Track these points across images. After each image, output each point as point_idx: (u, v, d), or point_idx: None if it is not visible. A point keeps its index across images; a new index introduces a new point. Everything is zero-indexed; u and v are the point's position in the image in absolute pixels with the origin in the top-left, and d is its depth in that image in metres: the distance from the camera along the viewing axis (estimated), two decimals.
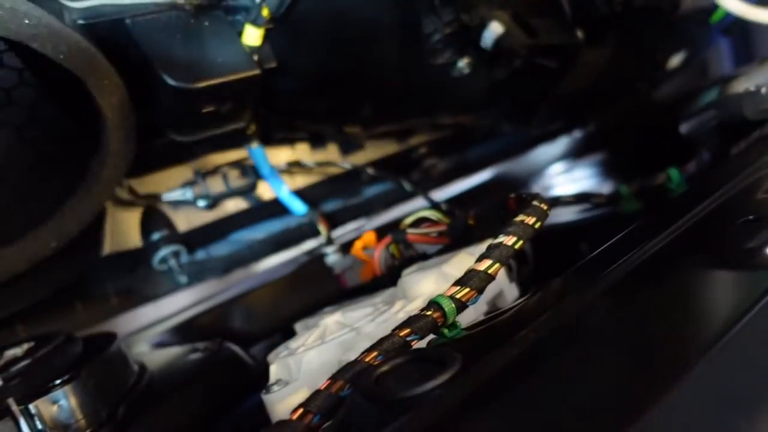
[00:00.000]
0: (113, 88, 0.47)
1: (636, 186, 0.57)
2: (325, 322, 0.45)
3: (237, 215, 0.71)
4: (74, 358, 0.45)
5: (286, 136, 0.73)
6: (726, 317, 0.25)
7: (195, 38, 0.50)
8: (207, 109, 0.52)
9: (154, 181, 0.66)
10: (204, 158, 0.69)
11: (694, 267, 0.31)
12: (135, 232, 0.64)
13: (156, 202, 0.66)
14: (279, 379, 0.40)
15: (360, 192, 0.81)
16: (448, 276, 0.44)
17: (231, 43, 0.52)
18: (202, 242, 0.70)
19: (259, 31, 0.53)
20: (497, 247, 0.35)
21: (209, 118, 0.53)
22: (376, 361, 0.31)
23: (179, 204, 0.67)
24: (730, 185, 0.38)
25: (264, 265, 0.75)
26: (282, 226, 0.75)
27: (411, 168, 0.85)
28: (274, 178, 0.68)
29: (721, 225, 0.34)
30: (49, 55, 0.43)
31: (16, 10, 0.40)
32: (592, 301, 0.31)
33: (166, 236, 0.64)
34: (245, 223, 0.73)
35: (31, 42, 0.41)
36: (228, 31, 0.53)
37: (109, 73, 0.47)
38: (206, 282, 0.71)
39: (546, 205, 0.39)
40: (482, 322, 0.35)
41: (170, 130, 0.54)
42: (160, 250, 0.64)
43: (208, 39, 0.51)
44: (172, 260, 0.65)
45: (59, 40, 0.42)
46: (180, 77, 0.48)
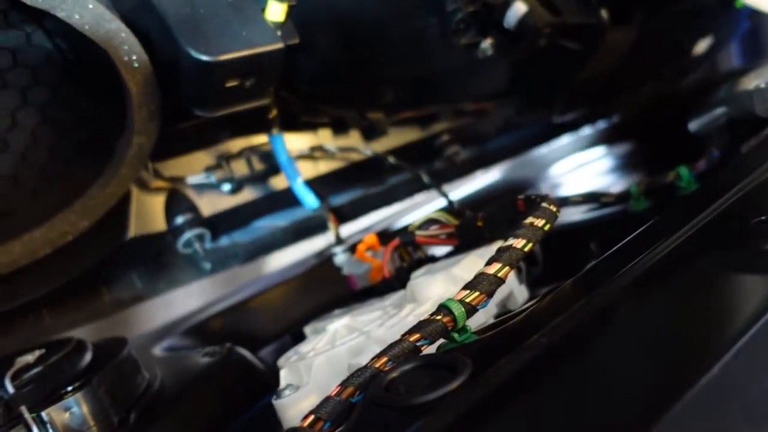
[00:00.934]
0: (138, 61, 0.47)
1: (645, 184, 0.57)
2: (334, 326, 0.45)
3: (260, 201, 0.71)
4: (85, 365, 0.46)
5: (309, 121, 0.72)
6: (740, 321, 0.25)
7: (218, 12, 0.50)
8: (231, 83, 0.51)
9: (179, 165, 0.66)
10: (227, 143, 0.68)
11: (707, 270, 0.31)
12: (160, 215, 0.64)
13: (180, 185, 0.66)
14: (289, 384, 0.40)
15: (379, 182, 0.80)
16: (457, 279, 0.43)
17: (254, 17, 0.52)
18: (226, 228, 0.70)
19: (282, 6, 0.53)
20: (507, 250, 0.35)
21: (233, 92, 0.52)
22: (386, 367, 0.31)
23: (203, 188, 0.67)
24: (741, 185, 0.38)
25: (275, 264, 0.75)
26: (303, 214, 0.75)
27: (433, 155, 0.84)
28: (291, 169, 0.68)
29: (734, 226, 0.34)
30: (74, 26, 0.43)
31: None
32: (604, 305, 0.31)
33: (191, 219, 0.64)
34: (268, 211, 0.73)
35: (57, 11, 0.42)
36: (252, 5, 0.52)
37: (134, 45, 0.47)
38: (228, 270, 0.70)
39: (555, 207, 0.39)
40: (493, 326, 0.35)
41: (194, 105, 0.54)
42: (185, 234, 0.64)
43: (232, 13, 0.51)
44: (196, 243, 0.65)
45: (84, 10, 0.43)
46: (205, 50, 0.48)
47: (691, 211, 0.37)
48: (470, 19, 0.61)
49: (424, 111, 0.79)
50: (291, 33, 0.54)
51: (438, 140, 0.84)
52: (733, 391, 0.23)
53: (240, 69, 0.51)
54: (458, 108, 0.80)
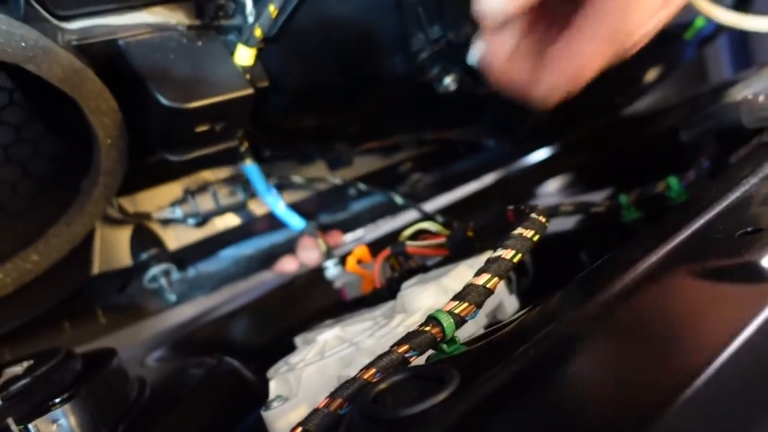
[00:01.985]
0: (107, 109, 0.47)
1: (635, 195, 0.57)
2: (324, 336, 0.45)
3: (228, 232, 0.71)
4: (74, 376, 0.45)
5: (274, 153, 0.73)
6: (726, 332, 0.25)
7: (188, 58, 0.51)
8: (200, 128, 0.52)
9: (144, 198, 0.66)
10: (193, 176, 0.69)
11: (693, 281, 0.31)
12: (125, 250, 0.64)
13: (146, 220, 0.66)
14: (278, 396, 0.40)
15: (350, 206, 0.82)
16: (447, 289, 0.44)
17: (224, 62, 0.52)
18: (192, 259, 0.71)
19: (251, 51, 0.53)
20: (495, 260, 0.35)
21: (202, 137, 0.53)
22: (374, 378, 0.31)
23: (169, 222, 0.67)
24: (728, 196, 0.38)
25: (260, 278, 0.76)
26: (275, 241, 0.75)
27: (398, 182, 0.86)
28: (271, 195, 0.68)
29: (719, 237, 0.34)
30: (44, 77, 0.43)
31: (12, 33, 0.40)
32: (592, 316, 0.31)
33: (156, 255, 0.65)
34: (236, 239, 0.74)
35: (27, 64, 0.41)
36: (221, 50, 0.53)
37: (103, 94, 0.47)
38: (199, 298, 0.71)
39: (544, 218, 0.39)
40: (482, 337, 0.35)
41: (163, 149, 0.54)
42: (151, 269, 0.64)
43: (201, 59, 0.51)
44: (162, 279, 0.65)
45: (54, 61, 0.43)
46: (174, 97, 0.48)
47: (679, 222, 0.37)
48: (434, 57, 0.62)
49: (387, 141, 0.81)
50: (260, 76, 0.55)
51: (401, 168, 0.86)
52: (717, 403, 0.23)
53: (210, 115, 0.51)
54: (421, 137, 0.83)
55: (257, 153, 0.69)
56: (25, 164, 0.53)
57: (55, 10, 0.46)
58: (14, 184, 0.53)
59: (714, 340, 0.25)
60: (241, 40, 0.53)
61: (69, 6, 0.46)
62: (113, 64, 0.48)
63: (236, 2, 0.53)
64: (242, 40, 0.53)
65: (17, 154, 0.52)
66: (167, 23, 0.51)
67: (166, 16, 0.51)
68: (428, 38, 0.61)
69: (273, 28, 0.54)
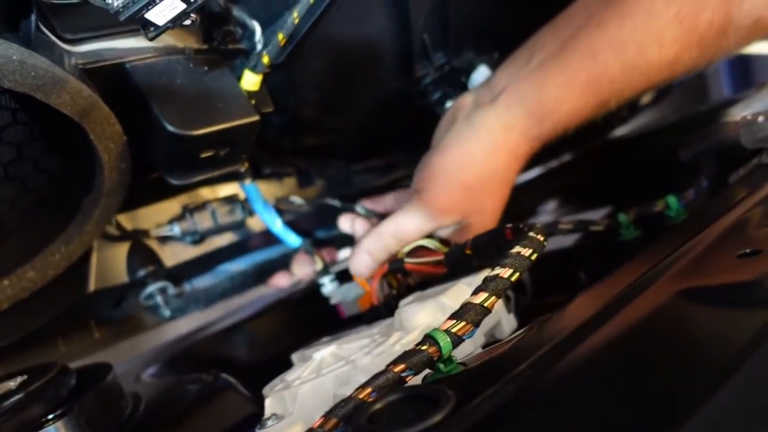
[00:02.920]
0: (112, 133, 0.47)
1: (634, 213, 0.57)
2: (321, 354, 0.44)
3: (225, 248, 0.71)
4: (68, 392, 0.45)
5: (274, 171, 0.73)
6: (726, 356, 0.25)
7: (195, 83, 0.50)
8: (205, 154, 0.51)
9: (142, 215, 0.66)
10: (193, 192, 0.69)
11: (693, 301, 0.31)
12: (122, 267, 0.64)
13: (143, 237, 0.66)
14: (273, 414, 0.39)
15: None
16: (445, 307, 0.43)
17: (230, 88, 0.52)
18: (188, 275, 0.70)
19: (258, 77, 0.53)
20: (493, 279, 0.35)
21: (207, 162, 0.52)
22: (370, 398, 0.30)
23: (166, 239, 0.67)
24: (727, 216, 0.38)
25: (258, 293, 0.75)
26: (271, 257, 0.75)
27: None
28: (268, 213, 0.68)
29: (719, 257, 0.34)
30: (51, 105, 0.42)
31: (24, 63, 0.40)
32: (591, 336, 0.31)
33: (153, 272, 0.64)
34: (233, 256, 0.73)
35: (36, 93, 0.41)
36: (227, 76, 0.53)
37: (108, 119, 0.46)
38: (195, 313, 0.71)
39: (542, 236, 0.39)
40: (479, 357, 0.34)
41: (166, 172, 0.54)
42: (147, 287, 0.64)
43: (208, 84, 0.51)
44: (158, 296, 0.65)
45: (63, 89, 0.42)
46: (180, 124, 0.48)
47: (679, 242, 0.37)
48: (437, 82, 0.63)
49: (387, 160, 0.82)
50: (265, 101, 0.55)
51: (398, 186, 0.86)
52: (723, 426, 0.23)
53: (215, 141, 0.51)
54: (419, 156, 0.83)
55: (257, 171, 0.69)
56: (25, 181, 0.53)
57: (63, 33, 0.46)
58: (13, 200, 0.53)
59: (715, 363, 0.25)
60: (249, 66, 0.53)
61: (77, 30, 0.46)
62: (120, 87, 0.48)
63: (244, 28, 0.53)
64: (249, 66, 0.53)
65: (17, 171, 0.52)
66: (175, 47, 0.51)
67: (173, 40, 0.51)
68: (432, 64, 0.62)
69: (281, 56, 0.54)
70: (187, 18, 0.38)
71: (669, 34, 0.51)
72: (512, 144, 0.55)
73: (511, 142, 0.55)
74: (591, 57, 0.53)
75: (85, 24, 0.46)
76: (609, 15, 0.53)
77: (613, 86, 0.53)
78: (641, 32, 0.52)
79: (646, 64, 0.52)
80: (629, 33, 0.52)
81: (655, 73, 0.53)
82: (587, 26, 0.54)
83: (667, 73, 0.53)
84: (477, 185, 0.56)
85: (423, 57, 0.62)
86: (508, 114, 0.55)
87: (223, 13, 0.50)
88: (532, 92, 0.54)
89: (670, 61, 0.52)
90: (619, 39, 0.52)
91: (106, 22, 0.47)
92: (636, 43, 0.52)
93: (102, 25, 0.47)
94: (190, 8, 0.38)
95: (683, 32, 0.51)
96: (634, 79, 0.53)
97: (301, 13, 0.52)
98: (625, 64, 0.52)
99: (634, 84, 0.54)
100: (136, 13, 0.36)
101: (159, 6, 0.37)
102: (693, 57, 0.53)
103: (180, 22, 0.38)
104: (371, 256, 0.57)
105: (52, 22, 0.45)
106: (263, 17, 0.53)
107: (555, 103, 0.54)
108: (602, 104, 0.54)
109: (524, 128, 0.55)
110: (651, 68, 0.53)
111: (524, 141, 0.55)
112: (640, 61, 0.52)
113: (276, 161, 0.72)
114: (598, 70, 0.53)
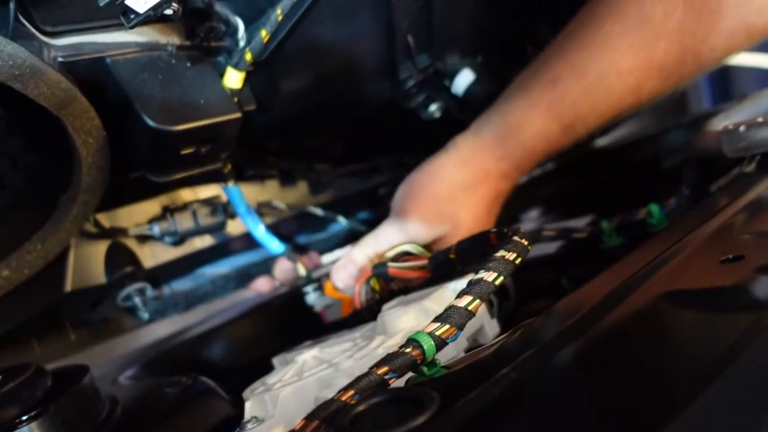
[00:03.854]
0: (91, 128, 0.46)
1: (617, 221, 0.57)
2: (303, 357, 0.44)
3: (205, 251, 0.70)
4: (43, 393, 0.44)
5: (257, 173, 0.73)
6: (709, 360, 0.25)
7: (176, 79, 0.50)
8: (186, 150, 0.51)
9: (121, 214, 0.65)
10: (174, 193, 0.68)
11: (675, 307, 0.31)
12: (99, 267, 0.63)
13: (122, 236, 0.65)
14: (254, 417, 0.39)
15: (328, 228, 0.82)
16: (428, 311, 0.43)
17: (212, 84, 0.52)
18: (168, 278, 0.69)
19: (240, 74, 0.53)
20: (477, 283, 0.35)
21: (187, 158, 0.52)
22: (352, 400, 0.30)
23: (146, 239, 0.66)
24: (709, 223, 0.38)
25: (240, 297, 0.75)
26: (252, 260, 0.75)
27: (376, 204, 0.86)
28: (251, 217, 0.68)
29: (700, 264, 0.34)
30: (29, 96, 0.42)
31: (1, 52, 0.39)
32: (573, 341, 0.31)
33: (131, 272, 0.63)
34: (213, 258, 0.73)
35: (14, 83, 0.40)
36: (210, 72, 0.52)
37: (88, 112, 0.46)
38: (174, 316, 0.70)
39: (527, 241, 0.39)
40: (462, 360, 0.34)
41: (146, 169, 0.53)
42: (125, 288, 0.63)
43: (190, 80, 0.51)
44: (136, 298, 0.64)
45: (41, 80, 0.41)
46: (161, 119, 0.47)
47: (661, 248, 0.38)
48: (421, 85, 0.64)
49: (369, 164, 0.83)
50: (248, 99, 0.55)
51: (381, 190, 0.87)
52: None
53: (197, 137, 0.51)
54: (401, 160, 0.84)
55: (239, 172, 0.69)
56: (2, 177, 0.52)
57: (43, 26, 0.45)
58: None
59: (699, 368, 0.25)
60: (231, 63, 0.53)
61: (57, 22, 0.45)
62: (100, 82, 0.48)
63: (228, 25, 0.52)
64: (232, 63, 0.53)
65: None
66: (157, 43, 0.50)
67: (155, 36, 0.50)
68: (416, 67, 0.62)
69: (264, 53, 0.53)
70: (168, 7, 0.38)
71: (625, 63, 0.54)
72: (479, 161, 0.59)
73: (479, 158, 0.59)
74: (552, 83, 0.56)
75: (65, 17, 0.45)
76: (569, 45, 0.56)
77: (576, 111, 0.56)
78: (599, 61, 0.54)
79: (607, 91, 0.55)
80: (587, 61, 0.55)
81: (619, 100, 0.55)
82: (550, 56, 0.57)
83: (632, 99, 0.56)
84: (445, 196, 0.59)
85: (407, 59, 0.62)
86: (476, 135, 0.59)
87: (207, 9, 0.50)
88: (498, 116, 0.58)
89: (632, 88, 0.55)
90: (579, 67, 0.55)
91: (87, 15, 0.46)
92: (595, 71, 0.54)
93: (83, 18, 0.46)
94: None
95: (640, 61, 0.53)
96: (597, 105, 0.56)
97: (284, 11, 0.52)
98: (586, 90, 0.55)
99: (598, 110, 0.56)
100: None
101: None
102: (656, 84, 0.55)
103: (161, 11, 0.38)
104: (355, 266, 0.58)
105: (32, 14, 0.44)
106: (247, 14, 0.53)
107: (519, 125, 0.57)
108: (568, 129, 0.57)
109: (491, 147, 0.58)
110: (613, 95, 0.55)
111: (492, 160, 0.59)
112: (601, 88, 0.55)
113: (259, 163, 0.71)
114: (558, 95, 0.55)
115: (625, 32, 0.53)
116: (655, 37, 0.52)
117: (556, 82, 0.55)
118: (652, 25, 0.52)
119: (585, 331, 0.31)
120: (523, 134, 0.57)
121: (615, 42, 0.53)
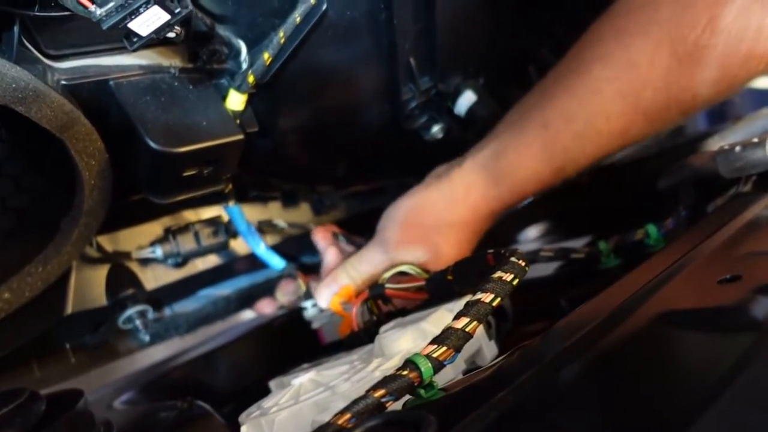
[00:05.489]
0: (94, 150, 0.46)
1: (614, 242, 0.57)
2: (299, 380, 0.44)
3: (207, 272, 0.70)
4: (37, 418, 0.44)
5: (259, 194, 0.73)
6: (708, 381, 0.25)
7: (179, 101, 0.50)
8: (188, 172, 0.51)
9: (123, 237, 0.65)
10: (176, 214, 0.68)
11: (673, 327, 0.31)
12: (100, 289, 0.62)
13: (124, 259, 0.64)
14: None
15: None
16: (426, 333, 0.43)
17: (215, 107, 0.52)
18: (169, 299, 0.69)
19: (243, 96, 0.53)
20: (474, 304, 0.35)
21: (190, 180, 0.52)
22: (349, 424, 0.30)
23: (148, 261, 0.66)
24: (707, 244, 0.38)
25: (237, 319, 0.74)
26: (254, 281, 0.74)
27: None
28: (252, 236, 0.68)
29: (698, 285, 0.34)
30: (33, 119, 0.42)
31: (3, 75, 0.39)
32: (572, 362, 0.31)
33: (133, 295, 0.63)
34: (215, 280, 0.72)
35: (17, 106, 0.40)
36: (212, 94, 0.53)
37: (90, 135, 0.46)
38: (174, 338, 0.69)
39: (524, 261, 0.39)
40: (460, 382, 0.34)
41: (148, 191, 0.53)
42: (126, 310, 0.63)
43: (192, 102, 0.51)
44: (137, 320, 0.63)
45: (44, 103, 0.42)
46: (163, 141, 0.47)
47: (658, 269, 0.37)
48: (423, 106, 0.64)
49: (372, 185, 0.82)
50: (250, 121, 0.55)
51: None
52: None
53: (199, 159, 0.51)
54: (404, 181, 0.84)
55: (241, 193, 0.69)
56: (5, 199, 0.52)
57: (46, 49, 0.45)
58: None
59: (698, 389, 0.25)
60: (234, 86, 0.53)
61: (61, 46, 0.46)
62: (102, 104, 0.48)
63: (230, 47, 0.53)
64: (234, 85, 0.53)
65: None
66: (159, 65, 0.51)
67: (158, 58, 0.51)
68: (418, 88, 0.63)
69: (266, 75, 0.54)
70: (170, 30, 0.38)
71: (613, 108, 0.54)
72: (471, 200, 0.59)
73: (470, 197, 0.59)
74: (543, 127, 0.57)
75: (69, 40, 0.46)
76: (558, 91, 0.57)
77: (567, 154, 0.57)
78: (587, 106, 0.55)
79: (596, 135, 0.56)
80: (577, 106, 0.56)
81: (607, 143, 0.56)
82: (541, 100, 0.58)
83: (619, 142, 0.57)
84: (432, 227, 0.59)
85: (409, 81, 0.62)
86: (470, 174, 0.60)
87: (209, 32, 0.50)
88: (491, 157, 0.59)
89: (619, 132, 0.56)
90: (568, 112, 0.56)
91: (90, 38, 0.47)
92: (584, 116, 0.55)
93: (86, 42, 0.47)
94: (174, 19, 0.38)
95: (627, 107, 0.54)
96: (587, 147, 0.57)
97: (287, 33, 0.52)
98: (576, 134, 0.56)
99: (588, 152, 0.57)
100: (119, 23, 0.36)
101: (142, 16, 0.36)
102: (641, 128, 0.56)
103: (164, 34, 0.38)
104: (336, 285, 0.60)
105: (36, 37, 0.45)
106: (249, 37, 0.53)
107: (512, 168, 0.58)
108: (558, 170, 0.58)
109: (483, 187, 0.59)
110: (602, 138, 0.56)
111: (483, 200, 0.59)
112: (590, 132, 0.56)
113: (261, 184, 0.71)
114: (549, 139, 0.56)
115: (612, 78, 0.54)
116: (641, 84, 0.53)
117: (547, 126, 0.56)
118: (638, 72, 0.53)
119: (584, 352, 0.31)
120: (516, 176, 0.58)
121: (603, 87, 0.54)
